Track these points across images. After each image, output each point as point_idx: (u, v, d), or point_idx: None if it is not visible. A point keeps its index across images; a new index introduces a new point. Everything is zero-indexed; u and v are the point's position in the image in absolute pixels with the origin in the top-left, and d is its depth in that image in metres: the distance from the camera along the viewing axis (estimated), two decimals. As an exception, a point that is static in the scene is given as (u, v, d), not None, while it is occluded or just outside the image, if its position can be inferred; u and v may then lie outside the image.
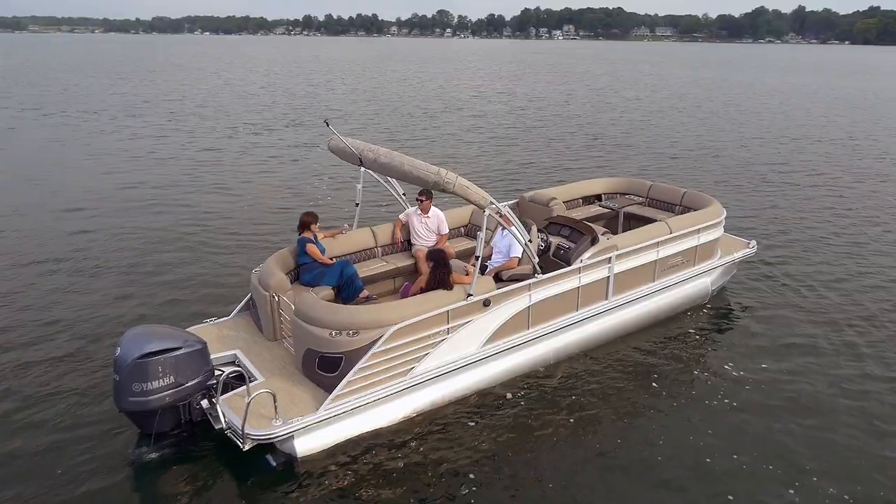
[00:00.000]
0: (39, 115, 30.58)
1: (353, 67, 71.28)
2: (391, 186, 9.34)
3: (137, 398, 6.05)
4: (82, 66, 69.15)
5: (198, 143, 23.67)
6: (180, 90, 43.20)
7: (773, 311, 9.96)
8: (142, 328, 6.51)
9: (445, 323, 7.03)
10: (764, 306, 10.14)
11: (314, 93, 42.29)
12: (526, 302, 7.70)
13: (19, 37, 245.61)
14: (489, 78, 57.88)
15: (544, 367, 8.14)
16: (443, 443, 6.75)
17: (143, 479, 6.20)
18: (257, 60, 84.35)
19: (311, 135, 25.62)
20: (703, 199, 10.49)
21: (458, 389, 7.40)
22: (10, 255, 12.04)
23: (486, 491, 6.08)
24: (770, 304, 10.20)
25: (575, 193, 11.58)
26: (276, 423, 6.15)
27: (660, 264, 9.14)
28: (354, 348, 6.54)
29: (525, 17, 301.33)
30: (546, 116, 31.63)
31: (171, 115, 31.08)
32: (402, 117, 30.81)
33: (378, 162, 7.41)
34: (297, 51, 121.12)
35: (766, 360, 8.51)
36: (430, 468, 6.37)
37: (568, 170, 19.54)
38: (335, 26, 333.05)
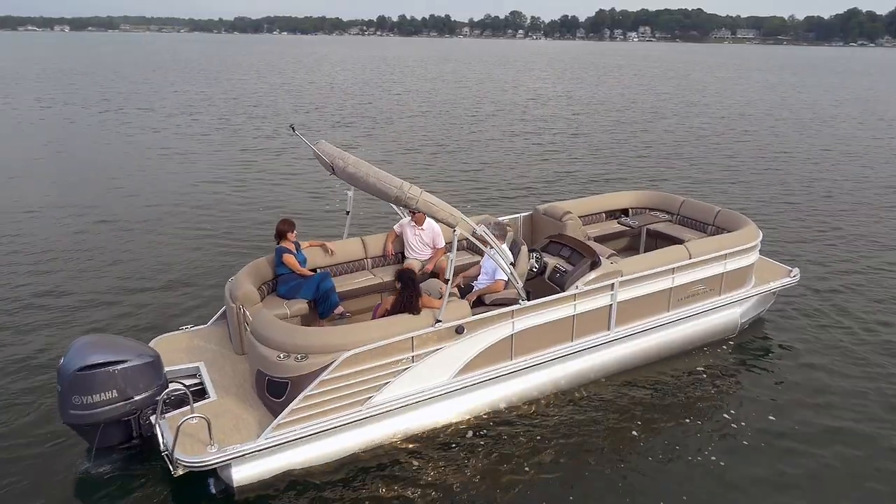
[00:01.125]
0: (98, 112, 31.50)
1: (416, 68, 71.17)
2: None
3: (77, 411, 5.76)
4: (158, 63, 71.84)
5: (240, 142, 23.65)
6: (240, 89, 43.94)
7: (815, 353, 8.68)
8: (90, 338, 6.22)
9: (410, 350, 6.41)
10: (804, 345, 8.87)
11: (370, 93, 42.13)
12: (508, 330, 6.97)
13: (112, 35, 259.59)
14: (550, 80, 56.44)
15: (529, 403, 7.35)
16: (400, 481, 6.16)
17: (79, 494, 5.94)
18: (325, 61, 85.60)
19: (352, 135, 25.25)
20: (738, 219, 9.38)
21: (426, 423, 6.78)
22: (23, 249, 12.01)
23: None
24: (812, 344, 8.92)
25: (596, 207, 10.65)
26: (210, 450, 5.71)
27: (676, 292, 8.16)
28: (301, 374, 6.01)
29: (599, 19, 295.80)
30: (599, 122, 30.20)
31: (223, 113, 31.44)
32: (449, 120, 30.08)
33: (346, 171, 6.72)
34: (367, 51, 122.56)
35: (797, 415, 7.29)
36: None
37: (609, 181, 18.29)
38: (408, 27, 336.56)
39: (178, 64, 72.32)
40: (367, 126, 28.10)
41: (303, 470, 6.17)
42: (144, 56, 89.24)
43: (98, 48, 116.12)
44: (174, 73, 58.64)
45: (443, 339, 6.59)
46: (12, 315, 9.54)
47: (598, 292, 7.51)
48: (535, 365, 7.30)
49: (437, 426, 6.83)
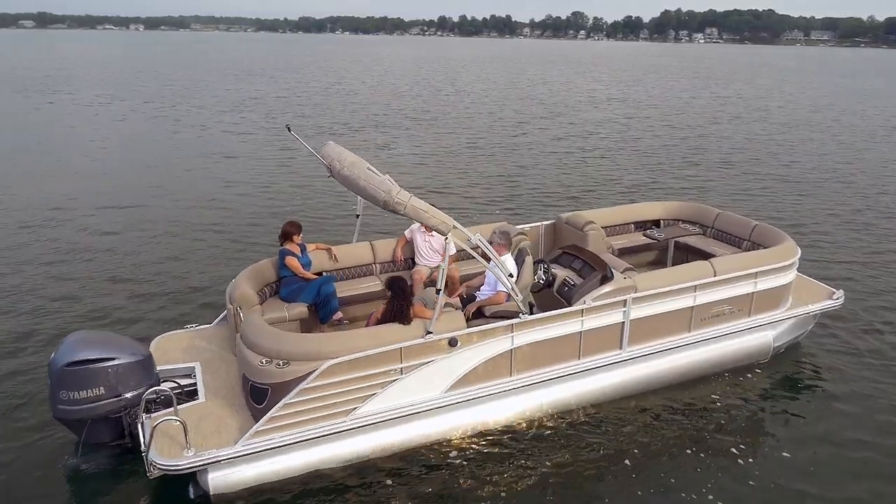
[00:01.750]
0: (152, 108, 32.35)
1: (469, 69, 70.75)
2: None
3: (65, 406, 5.79)
4: (219, 62, 73.75)
5: (281, 142, 23.73)
6: (293, 88, 44.51)
7: (856, 385, 7.90)
8: (82, 334, 6.30)
9: (398, 361, 6.16)
10: (845, 376, 8.08)
11: (418, 93, 41.99)
12: (507, 345, 6.63)
13: (182, 34, 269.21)
14: (606, 82, 55.06)
15: (528, 423, 6.94)
16: (384, 497, 5.91)
17: (64, 487, 5.98)
18: (381, 60, 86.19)
19: (391, 135, 25.05)
20: (775, 235, 8.68)
21: (415, 438, 6.49)
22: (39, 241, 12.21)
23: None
24: (853, 375, 8.11)
25: (623, 218, 10.11)
26: (186, 454, 5.59)
27: (698, 312, 7.58)
28: (282, 381, 5.84)
29: (664, 19, 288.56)
30: (651, 126, 29.08)
31: (270, 112, 31.75)
32: (494, 121, 29.53)
33: (342, 174, 6.47)
34: (425, 51, 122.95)
35: (825, 454, 6.53)
36: None
37: (652, 189, 17.43)
38: (468, 27, 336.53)
39: (235, 62, 74.05)
40: (408, 126, 27.86)
41: (284, 480, 5.98)
42: (206, 54, 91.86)
43: (166, 46, 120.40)
44: (232, 71, 59.99)
45: (434, 352, 6.28)
46: (31, 303, 9.70)
47: (609, 308, 7.04)
48: (537, 383, 6.90)
49: (427, 442, 6.52)
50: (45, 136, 24.08)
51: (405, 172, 18.86)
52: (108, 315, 9.46)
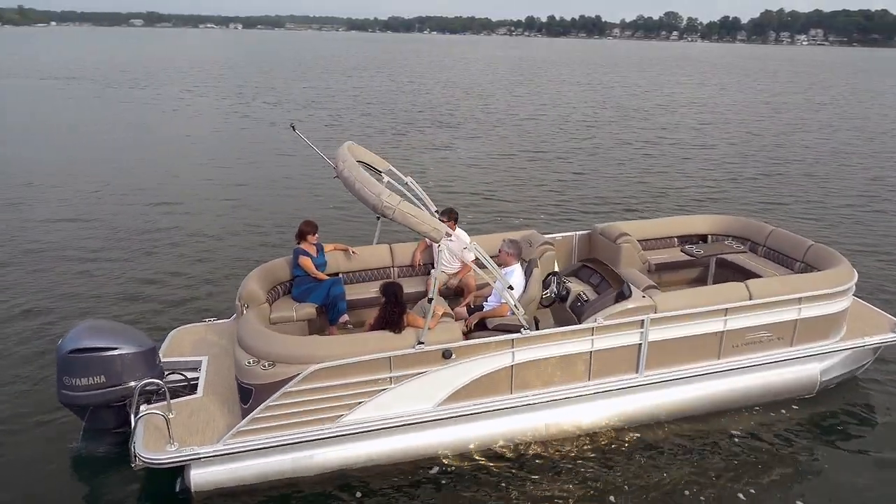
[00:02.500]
0: (228, 104, 33.48)
1: (549, 70, 69.57)
2: (422, 202, 8.21)
3: (67, 391, 5.97)
4: (303, 60, 75.85)
5: (337, 141, 23.89)
6: (367, 86, 45.07)
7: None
8: (90, 322, 6.47)
9: (388, 370, 5.98)
10: (900, 422, 7.11)
11: (491, 94, 41.54)
12: (507, 360, 6.31)
13: (277, 33, 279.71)
14: (690, 85, 52.72)
15: (526, 444, 6.58)
16: None
17: (65, 469, 6.16)
18: (463, 60, 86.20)
19: (451, 136, 24.76)
20: (830, 257, 7.86)
21: (406, 450, 6.30)
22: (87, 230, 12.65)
23: None
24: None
25: (664, 231, 9.45)
26: (169, 448, 5.64)
27: (730, 338, 6.96)
28: (266, 382, 5.77)
29: (764, 20, 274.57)
30: (729, 134, 27.43)
31: (337, 111, 32.14)
32: (562, 124, 28.71)
33: (343, 174, 6.35)
34: (509, 51, 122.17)
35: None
36: None
37: (716, 201, 16.29)
38: (556, 27, 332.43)
39: (317, 60, 75.91)
40: (473, 127, 27.50)
41: (267, 482, 5.93)
42: (293, 52, 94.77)
43: (259, 45, 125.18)
44: (312, 69, 61.49)
45: (427, 363, 6.05)
46: (65, 289, 10.10)
47: (624, 328, 6.56)
48: (541, 403, 6.52)
49: (417, 456, 6.30)
50: (123, 130, 25.29)
51: (455, 175, 18.57)
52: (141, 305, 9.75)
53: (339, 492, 5.96)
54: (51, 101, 33.80)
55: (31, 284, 10.42)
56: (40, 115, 28.77)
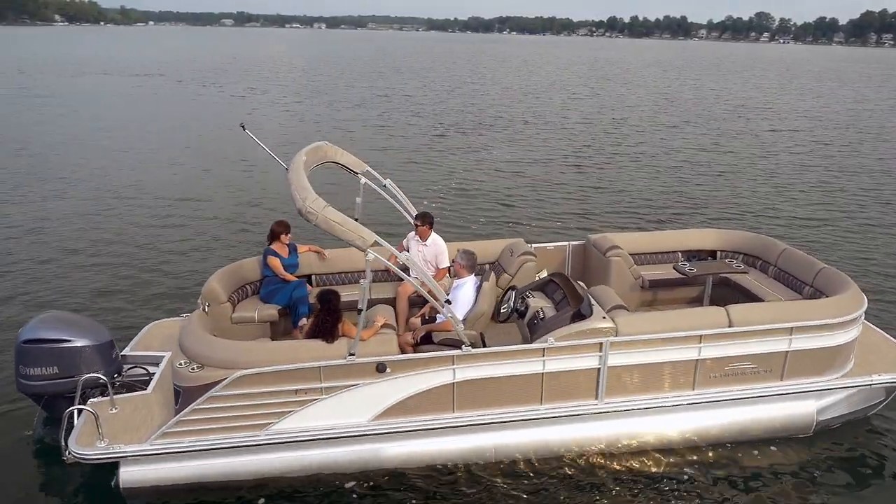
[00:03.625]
0: (286, 101, 34.02)
1: (623, 72, 67.52)
2: (401, 205, 8.11)
3: (22, 380, 6.13)
4: (372, 59, 76.74)
5: (378, 140, 23.80)
6: (427, 86, 44.97)
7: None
8: (49, 313, 6.61)
9: (318, 381, 5.79)
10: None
11: (550, 96, 40.56)
12: (448, 377, 5.97)
13: (359, 32, 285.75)
14: (769, 90, 49.77)
15: (473, 467, 6.22)
16: None
17: (22, 455, 6.30)
18: (534, 60, 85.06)
19: (491, 138, 24.12)
20: (839, 283, 7.04)
21: (340, 463, 6.11)
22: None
23: None
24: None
25: (665, 244, 8.78)
26: (99, 444, 5.68)
27: (706, 367, 6.35)
28: (193, 385, 5.76)
29: (865, 20, 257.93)
30: (794, 143, 25.45)
31: (387, 110, 32.10)
32: (615, 128, 27.51)
33: (287, 176, 6.10)
34: (586, 52, 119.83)
35: None
36: None
37: (759, 216, 14.97)
38: (639, 28, 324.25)
39: (385, 59, 76.59)
40: (519, 129, 26.77)
41: (196, 484, 5.87)
42: (366, 51, 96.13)
43: (335, 44, 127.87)
44: (378, 68, 62.05)
45: (359, 375, 5.83)
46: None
47: (580, 351, 6.08)
48: (486, 424, 6.15)
49: (349, 470, 6.10)
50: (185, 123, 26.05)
51: (481, 179, 18.03)
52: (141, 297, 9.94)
53: (271, 502, 5.85)
54: (120, 97, 35.38)
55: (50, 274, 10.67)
56: (107, 110, 30.10)
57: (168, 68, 56.74)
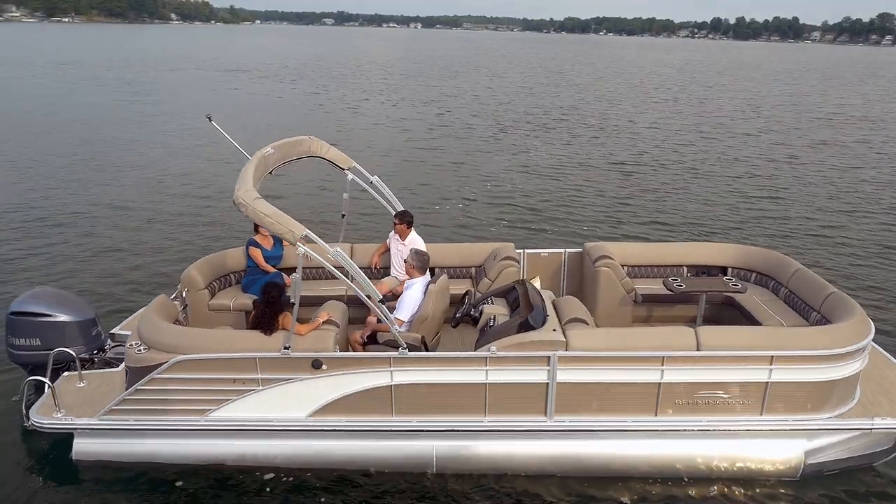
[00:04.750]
0: (348, 98, 34.55)
1: (711, 74, 64.28)
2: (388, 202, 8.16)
3: (10, 349, 6.56)
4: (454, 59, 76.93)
5: (436, 141, 23.67)
6: (499, 86, 44.57)
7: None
8: (40, 289, 7.01)
9: (255, 372, 5.80)
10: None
11: (621, 100, 39.20)
12: (385, 380, 5.82)
13: (453, 32, 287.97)
14: (874, 99, 45.86)
15: (412, 474, 6.04)
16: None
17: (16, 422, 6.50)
18: (619, 62, 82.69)
19: (543, 140, 23.45)
20: (846, 309, 6.31)
21: (277, 456, 6.11)
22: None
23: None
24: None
25: (669, 257, 8.19)
26: (56, 415, 6.01)
27: (670, 392, 5.83)
28: (137, 366, 5.93)
29: None
30: (872, 156, 23.24)
31: (449, 109, 32.00)
32: (683, 134, 26.13)
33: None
34: (681, 55, 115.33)
35: None
36: None
37: (815, 236, 13.69)
38: (744, 30, 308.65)
39: (466, 59, 76.49)
40: (577, 133, 25.96)
41: (142, 464, 6.08)
42: (454, 50, 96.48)
43: (429, 42, 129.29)
44: (455, 67, 62.02)
45: (295, 370, 5.79)
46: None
47: (526, 363, 5.74)
48: (427, 431, 5.97)
49: (285, 464, 6.09)
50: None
51: (516, 181, 17.64)
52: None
53: (206, 485, 5.94)
54: (200, 90, 37.14)
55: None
56: (181, 101, 31.66)
57: (255, 64, 59.20)
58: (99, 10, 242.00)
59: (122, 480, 5.97)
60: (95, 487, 5.90)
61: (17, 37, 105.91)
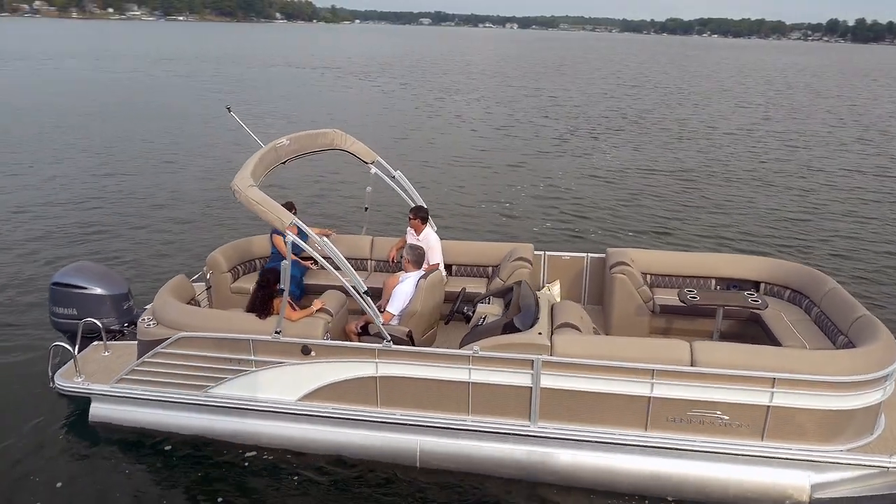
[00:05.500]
0: (422, 96, 34.99)
1: (810, 80, 60.39)
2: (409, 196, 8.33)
3: (51, 317, 7.16)
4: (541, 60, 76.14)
5: (500, 141, 23.65)
6: (580, 88, 43.78)
7: None
8: (80, 263, 7.65)
9: (249, 353, 6.07)
10: None
11: (707, 104, 37.48)
12: (370, 371, 5.94)
13: (548, 33, 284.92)
14: None
15: (396, 467, 6.12)
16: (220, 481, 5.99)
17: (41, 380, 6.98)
18: (716, 66, 79.17)
19: (612, 144, 22.88)
20: (871, 332, 5.83)
21: (269, 437, 6.35)
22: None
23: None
24: None
25: (695, 268, 7.79)
26: (76, 380, 6.52)
27: (661, 407, 5.58)
28: (146, 339, 6.34)
29: None
30: None
31: (521, 110, 31.76)
32: (754, 143, 24.78)
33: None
34: (789, 58, 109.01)
35: None
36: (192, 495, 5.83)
37: (874, 276, 12.73)
38: (865, 32, 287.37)
39: (553, 59, 75.43)
40: (648, 138, 25.11)
41: (149, 431, 6.48)
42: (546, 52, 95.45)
43: (521, 43, 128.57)
44: (542, 68, 61.36)
45: (286, 354, 6.01)
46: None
47: (509, 365, 5.67)
48: (412, 426, 6.03)
49: (280, 444, 6.31)
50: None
51: (571, 185, 17.32)
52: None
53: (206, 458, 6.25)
54: (281, 86, 38.70)
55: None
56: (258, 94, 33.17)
57: (343, 62, 60.99)
58: (211, 9, 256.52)
59: (131, 445, 6.39)
60: (107, 449, 6.35)
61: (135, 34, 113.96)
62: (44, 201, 14.40)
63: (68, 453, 6.28)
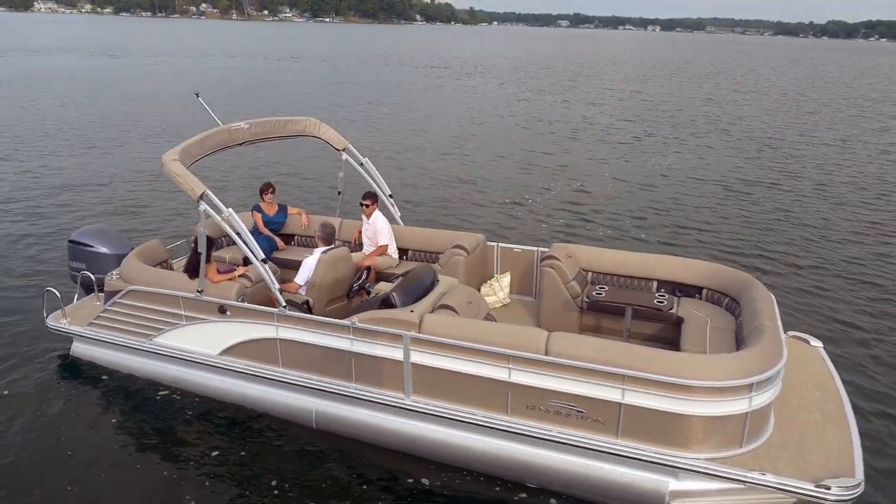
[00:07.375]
0: (513, 93, 35.27)
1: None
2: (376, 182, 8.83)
3: (69, 269, 8.38)
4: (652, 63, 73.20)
5: (564, 142, 23.58)
6: (667, 92, 42.02)
7: None
8: (94, 225, 8.79)
9: (180, 308, 6.84)
10: None
11: (804, 108, 34.56)
12: (272, 333, 6.48)
13: (695, 36, 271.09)
14: None
15: (296, 425, 6.62)
16: (159, 420, 6.77)
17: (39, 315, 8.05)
18: (870, 71, 72.06)
19: (655, 148, 21.92)
20: (756, 341, 5.56)
21: (198, 385, 7.14)
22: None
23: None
24: None
25: (636, 268, 7.61)
26: (62, 322, 7.63)
27: (519, 394, 5.64)
28: (109, 290, 7.29)
29: None
30: None
31: (599, 112, 31.11)
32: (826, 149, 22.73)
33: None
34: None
35: None
36: (137, 433, 6.58)
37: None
38: None
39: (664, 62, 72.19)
40: (724, 146, 23.74)
41: (113, 371, 7.49)
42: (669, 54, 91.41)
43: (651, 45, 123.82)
44: (648, 71, 59.25)
45: (207, 312, 6.72)
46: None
47: (382, 338, 5.98)
48: (306, 388, 6.51)
49: (204, 393, 7.08)
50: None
51: (612, 189, 16.91)
52: None
53: (152, 397, 7.09)
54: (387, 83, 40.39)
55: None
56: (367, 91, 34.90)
57: (457, 62, 62.22)
58: (355, 11, 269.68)
59: (96, 379, 7.39)
60: (79, 379, 7.43)
61: (281, 34, 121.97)
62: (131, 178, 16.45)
63: (53, 380, 7.42)
